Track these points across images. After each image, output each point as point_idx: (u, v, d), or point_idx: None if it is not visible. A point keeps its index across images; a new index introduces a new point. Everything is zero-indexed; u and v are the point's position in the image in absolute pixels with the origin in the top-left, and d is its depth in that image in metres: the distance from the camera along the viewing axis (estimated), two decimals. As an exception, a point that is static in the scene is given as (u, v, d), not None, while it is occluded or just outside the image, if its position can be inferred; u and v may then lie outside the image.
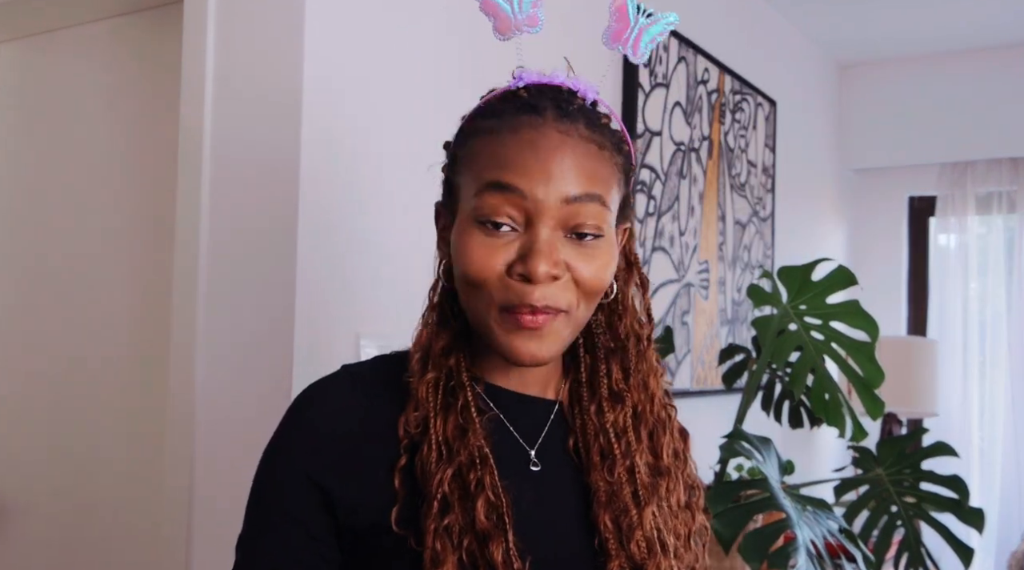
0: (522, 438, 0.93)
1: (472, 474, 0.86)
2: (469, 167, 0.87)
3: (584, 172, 0.84)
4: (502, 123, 0.85)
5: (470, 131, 0.88)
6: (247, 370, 1.70)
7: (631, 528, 0.89)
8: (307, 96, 1.66)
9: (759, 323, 2.20)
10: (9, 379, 2.24)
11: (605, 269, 0.87)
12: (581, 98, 0.88)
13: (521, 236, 0.84)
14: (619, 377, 0.96)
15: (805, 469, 3.60)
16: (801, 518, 1.77)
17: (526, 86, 0.88)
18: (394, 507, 0.86)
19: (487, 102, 0.89)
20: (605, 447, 0.93)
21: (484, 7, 0.89)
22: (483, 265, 0.84)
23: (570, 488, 0.93)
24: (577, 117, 0.85)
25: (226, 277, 1.73)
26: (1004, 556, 3.87)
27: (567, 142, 0.84)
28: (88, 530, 2.07)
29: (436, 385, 0.90)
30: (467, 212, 0.86)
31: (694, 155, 2.94)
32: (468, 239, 0.85)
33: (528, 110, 0.85)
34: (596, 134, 0.86)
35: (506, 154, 0.83)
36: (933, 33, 3.86)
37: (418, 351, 0.92)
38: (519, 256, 0.83)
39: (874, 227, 4.34)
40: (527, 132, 0.83)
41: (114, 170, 2.10)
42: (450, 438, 0.87)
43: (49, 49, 2.23)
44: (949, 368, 4.04)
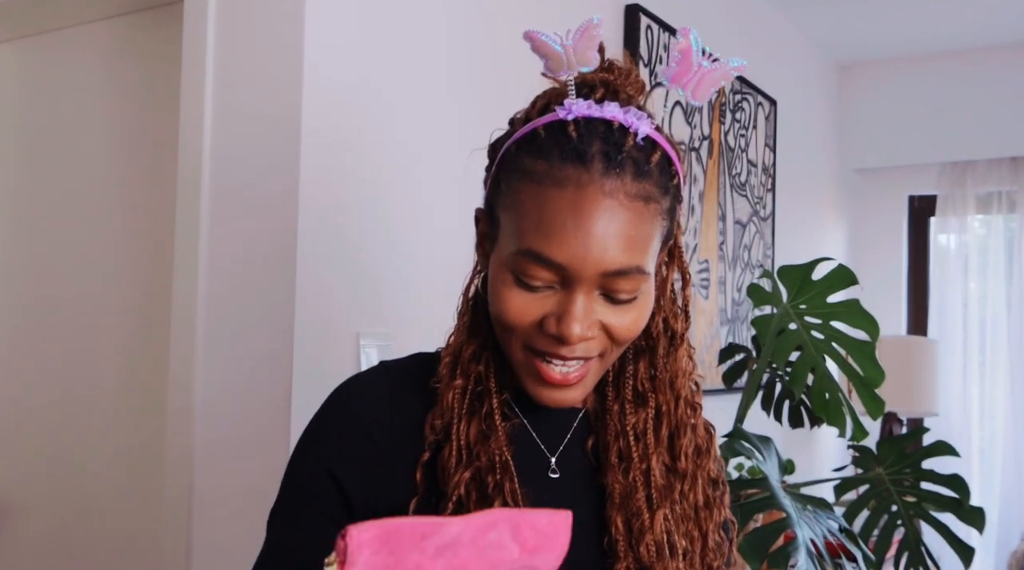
0: (544, 445, 0.94)
1: (491, 478, 0.87)
2: (509, 209, 0.85)
3: (626, 242, 0.81)
4: (548, 170, 0.82)
5: (514, 165, 0.85)
6: (247, 370, 1.70)
7: (642, 531, 0.90)
8: (307, 96, 1.66)
9: (759, 323, 2.20)
10: (9, 380, 2.24)
11: (639, 320, 0.87)
12: (634, 135, 0.84)
13: (557, 292, 0.83)
14: (645, 377, 0.95)
15: (805, 469, 3.60)
16: (801, 517, 1.77)
17: (575, 120, 0.83)
18: (413, 500, 0.88)
19: (534, 130, 0.85)
20: (624, 450, 0.93)
21: (535, 49, 0.87)
22: (517, 316, 0.84)
23: (585, 489, 0.94)
24: (625, 167, 0.82)
25: (226, 277, 1.73)
26: (1004, 556, 3.86)
27: (610, 207, 0.81)
28: (88, 530, 2.07)
29: (463, 392, 0.91)
30: (505, 260, 0.85)
31: (694, 155, 2.94)
32: (504, 289, 0.84)
33: (575, 159, 0.81)
34: (643, 185, 0.82)
35: (548, 216, 0.81)
36: (933, 33, 3.86)
37: (448, 355, 0.93)
38: (554, 314, 0.83)
39: (874, 227, 4.34)
40: (571, 191, 0.80)
41: (114, 170, 2.10)
42: (472, 442, 0.88)
43: (49, 49, 2.23)
44: (949, 368, 4.03)
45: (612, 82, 0.89)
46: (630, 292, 0.84)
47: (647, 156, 0.84)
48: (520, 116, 0.90)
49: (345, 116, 1.74)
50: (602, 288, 0.83)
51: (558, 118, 0.84)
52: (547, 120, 0.85)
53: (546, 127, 0.84)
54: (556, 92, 0.88)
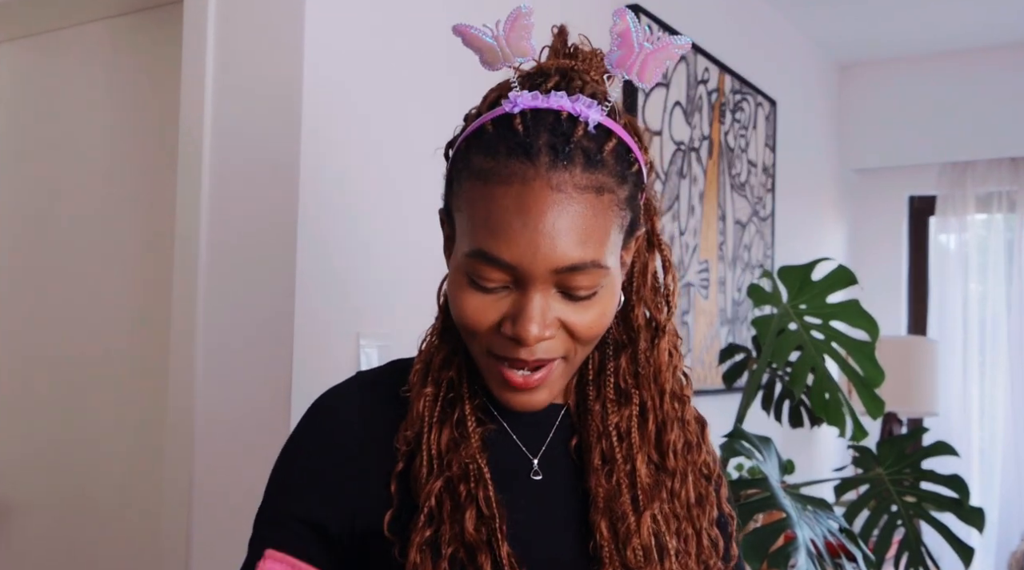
0: (526, 446, 0.92)
1: (463, 487, 0.85)
2: (460, 209, 0.83)
3: (577, 236, 0.78)
4: (494, 168, 0.79)
5: (463, 163, 0.83)
6: (247, 370, 1.70)
7: (628, 535, 0.87)
8: (307, 96, 1.66)
9: (759, 323, 2.20)
10: (9, 379, 2.24)
11: (602, 317, 0.84)
12: (584, 124, 0.80)
13: (513, 293, 0.81)
14: (628, 372, 0.92)
15: (805, 469, 3.60)
16: (801, 517, 1.77)
17: (522, 112, 0.80)
18: (387, 513, 0.86)
19: (482, 126, 0.83)
20: (607, 451, 0.90)
21: (466, 42, 0.86)
22: (475, 320, 0.82)
23: (570, 492, 0.91)
24: (574, 159, 0.78)
25: (226, 277, 1.73)
26: (1004, 556, 3.87)
27: (558, 201, 0.77)
28: (88, 530, 2.07)
29: (435, 399, 0.89)
30: (460, 262, 0.83)
31: (694, 155, 2.94)
32: (460, 292, 0.83)
33: (520, 153, 0.78)
34: (595, 176, 0.79)
35: (495, 215, 0.78)
36: (933, 33, 3.86)
37: (419, 362, 0.92)
38: (510, 314, 0.81)
39: (874, 227, 4.34)
40: (516, 186, 0.78)
41: (114, 170, 2.10)
42: (443, 451, 0.86)
43: (49, 49, 2.23)
44: (949, 368, 4.04)
45: (572, 68, 0.86)
46: (588, 288, 0.81)
47: (599, 145, 0.80)
48: (472, 112, 0.88)
49: (345, 116, 1.74)
50: (558, 285, 0.80)
51: (504, 112, 0.81)
52: (494, 115, 0.82)
53: (493, 122, 0.82)
54: (506, 85, 0.85)
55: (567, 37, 0.91)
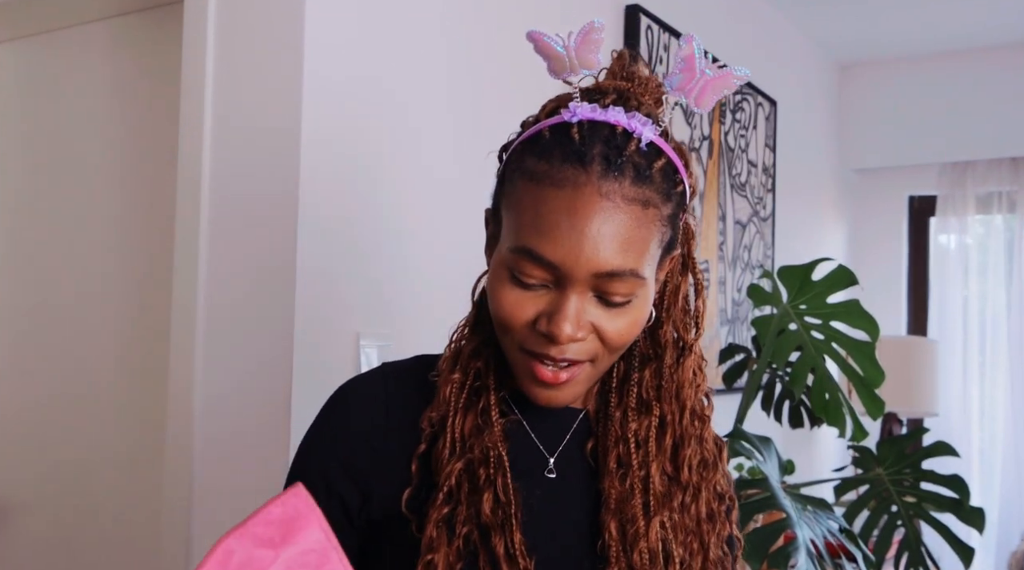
0: (543, 445, 0.95)
1: (483, 471, 0.88)
2: (510, 208, 0.87)
3: (620, 244, 0.82)
4: (548, 171, 0.83)
5: (518, 165, 0.87)
6: (247, 370, 1.70)
7: (636, 537, 0.89)
8: (307, 96, 1.66)
9: (759, 323, 2.20)
10: (9, 379, 2.24)
11: (635, 327, 0.87)
12: (636, 140, 0.84)
13: (551, 292, 0.84)
14: (651, 385, 0.95)
15: (805, 469, 3.60)
16: (801, 518, 1.77)
17: (579, 123, 0.84)
18: (406, 491, 0.89)
19: (540, 131, 0.86)
20: (623, 455, 0.93)
21: (538, 50, 0.89)
22: (512, 314, 0.85)
23: (583, 492, 0.94)
24: (624, 171, 0.82)
25: (226, 277, 1.73)
26: (1004, 556, 3.87)
27: (606, 208, 0.81)
28: (88, 530, 2.07)
29: (461, 386, 0.92)
30: (503, 258, 0.86)
31: (694, 155, 2.94)
32: (500, 286, 0.86)
33: (574, 160, 0.82)
34: (643, 190, 0.83)
35: (544, 215, 0.82)
36: (933, 33, 3.86)
37: (450, 351, 0.95)
38: (547, 312, 0.84)
39: (874, 227, 4.34)
40: (568, 190, 0.81)
41: (114, 170, 2.10)
42: (466, 435, 0.90)
43: (49, 49, 2.23)
44: (949, 368, 4.03)
45: (628, 90, 0.89)
46: (624, 295, 0.84)
47: (649, 162, 0.84)
48: (531, 119, 0.92)
49: (345, 116, 1.74)
50: (596, 289, 0.83)
51: (563, 120, 0.85)
52: (552, 122, 0.86)
53: (551, 129, 0.85)
54: (566, 97, 0.89)
55: (626, 62, 0.94)
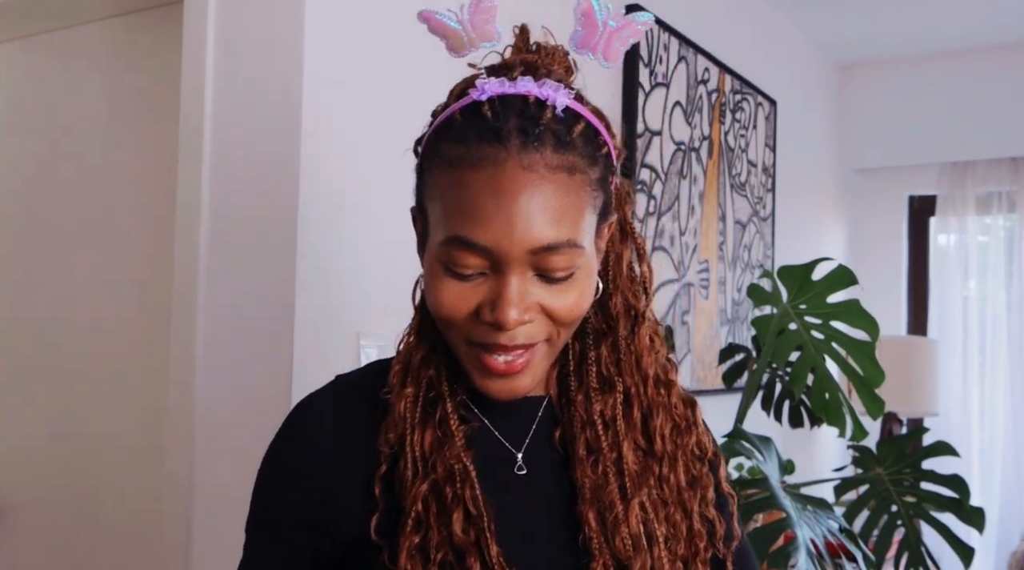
0: (508, 441, 0.91)
1: (449, 488, 0.84)
2: (433, 199, 0.83)
3: (551, 215, 0.78)
4: (466, 153, 0.79)
5: (434, 154, 0.84)
6: (247, 370, 1.70)
7: (616, 524, 0.86)
8: (307, 96, 1.66)
9: (759, 323, 2.20)
10: (9, 379, 2.24)
11: (582, 299, 0.83)
12: (551, 107, 0.80)
13: (490, 279, 0.80)
14: (609, 360, 0.92)
15: (805, 469, 3.60)
16: (801, 518, 1.77)
17: (489, 99, 0.81)
18: (374, 517, 0.86)
19: (451, 116, 0.84)
20: (591, 440, 0.89)
21: (432, 29, 0.87)
22: (453, 308, 0.81)
23: (556, 486, 0.90)
24: (544, 140, 0.79)
25: (226, 277, 1.73)
26: (1004, 556, 3.87)
27: (531, 181, 0.77)
28: (88, 529, 2.07)
29: (415, 400, 0.88)
30: (435, 252, 0.82)
31: (694, 155, 2.94)
32: (437, 282, 0.82)
33: (491, 137, 0.78)
34: (566, 156, 0.79)
35: (469, 199, 0.78)
36: (933, 33, 3.86)
37: (398, 363, 0.91)
38: (488, 301, 0.80)
39: (874, 227, 4.34)
40: (489, 170, 0.78)
41: (114, 170, 2.10)
42: (427, 452, 0.86)
43: (49, 49, 2.23)
44: (949, 368, 4.03)
45: (535, 61, 0.86)
46: (565, 269, 0.80)
47: (568, 127, 0.81)
48: (440, 107, 0.89)
49: (345, 115, 1.74)
50: (535, 267, 0.80)
51: (472, 100, 0.82)
52: (462, 104, 0.83)
53: (461, 111, 0.83)
54: (472, 77, 0.86)
55: (529, 36, 0.91)
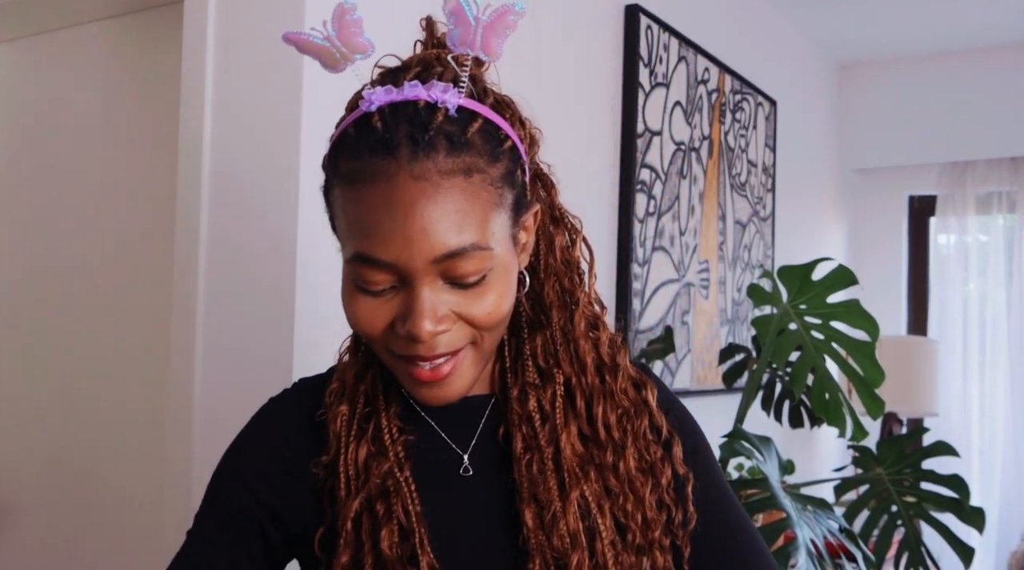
0: (455, 442, 0.90)
1: (380, 505, 0.84)
2: (337, 217, 0.83)
3: (450, 222, 0.76)
4: (359, 168, 0.78)
5: (333, 171, 0.83)
6: (247, 370, 1.70)
7: (555, 521, 0.84)
8: (307, 96, 1.66)
9: (759, 323, 2.20)
10: (9, 379, 2.24)
11: (501, 301, 0.81)
12: (443, 110, 0.78)
13: (400, 292, 0.79)
14: (548, 352, 0.90)
15: (805, 469, 3.60)
16: (801, 518, 1.77)
17: (379, 109, 0.80)
18: (320, 527, 0.87)
19: (345, 131, 0.83)
20: (528, 436, 0.87)
21: (300, 49, 0.84)
22: (369, 325, 0.81)
23: (500, 485, 0.88)
24: (435, 145, 0.77)
25: (226, 277, 1.73)
26: (1004, 556, 3.87)
27: (424, 191, 0.76)
28: (89, 529, 2.07)
29: (350, 417, 0.88)
30: (345, 270, 0.82)
31: (694, 155, 2.94)
32: (350, 298, 0.81)
33: (381, 150, 0.77)
34: (460, 158, 0.77)
35: (366, 216, 0.77)
36: (933, 33, 3.86)
37: (336, 380, 0.91)
38: (401, 314, 0.79)
39: (874, 227, 4.34)
40: (381, 184, 0.76)
41: (114, 170, 2.10)
42: (360, 468, 0.86)
43: (49, 49, 2.23)
44: (949, 368, 4.03)
45: (435, 57, 0.86)
46: (475, 273, 0.78)
47: (463, 127, 0.79)
48: (339, 120, 0.87)
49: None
50: (444, 276, 0.78)
51: (363, 112, 0.81)
52: (354, 117, 0.82)
53: (354, 124, 0.81)
54: (363, 88, 0.85)
55: (435, 28, 0.90)
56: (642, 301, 2.64)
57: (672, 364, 2.79)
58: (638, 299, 2.61)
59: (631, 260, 2.57)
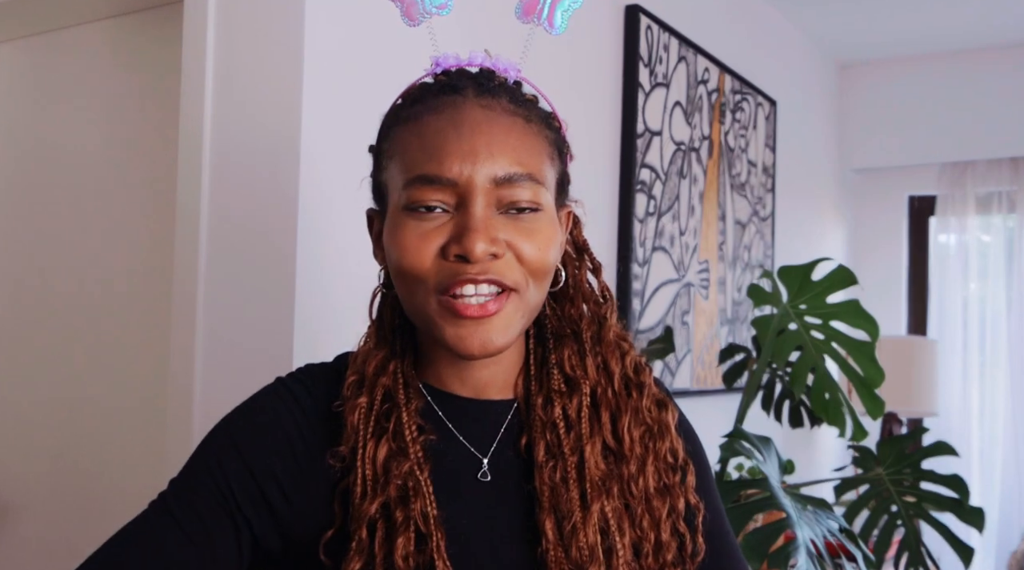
0: (474, 447, 0.88)
1: (400, 511, 0.81)
2: (394, 159, 0.84)
3: (512, 148, 0.80)
4: (423, 107, 0.83)
5: (392, 123, 0.87)
6: (247, 371, 1.70)
7: (574, 532, 0.82)
8: (307, 96, 1.66)
9: (759, 323, 2.20)
10: (9, 379, 2.24)
11: (549, 244, 0.82)
12: (502, 77, 0.86)
13: (454, 216, 0.80)
14: (575, 363, 0.89)
15: (805, 469, 3.60)
16: (801, 518, 1.76)
17: (444, 71, 0.86)
18: (329, 530, 0.83)
19: (406, 93, 0.88)
20: (552, 443, 0.86)
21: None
22: (417, 251, 0.80)
23: (520, 493, 0.86)
24: (500, 93, 0.83)
25: (226, 276, 1.73)
26: (1004, 556, 3.87)
27: (491, 116, 0.81)
28: (88, 530, 2.07)
29: (368, 410, 0.85)
30: (397, 204, 0.82)
31: (694, 155, 2.94)
32: (399, 229, 0.81)
33: (448, 91, 0.83)
34: (522, 108, 0.84)
35: (430, 138, 0.80)
36: (933, 33, 3.86)
37: (354, 373, 0.89)
38: (455, 236, 0.79)
39: (874, 227, 4.34)
40: (448, 111, 0.81)
41: (114, 170, 2.10)
42: (379, 470, 0.82)
43: (49, 49, 2.23)
44: (949, 368, 4.03)
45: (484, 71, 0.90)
46: (529, 201, 0.81)
47: (522, 93, 0.86)
48: None
49: (345, 115, 1.74)
50: (499, 202, 0.80)
51: (429, 74, 0.87)
52: (420, 79, 0.89)
53: (419, 84, 0.88)
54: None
55: None
56: (642, 301, 2.64)
57: (672, 364, 2.79)
58: (638, 299, 2.61)
59: (631, 260, 2.57)
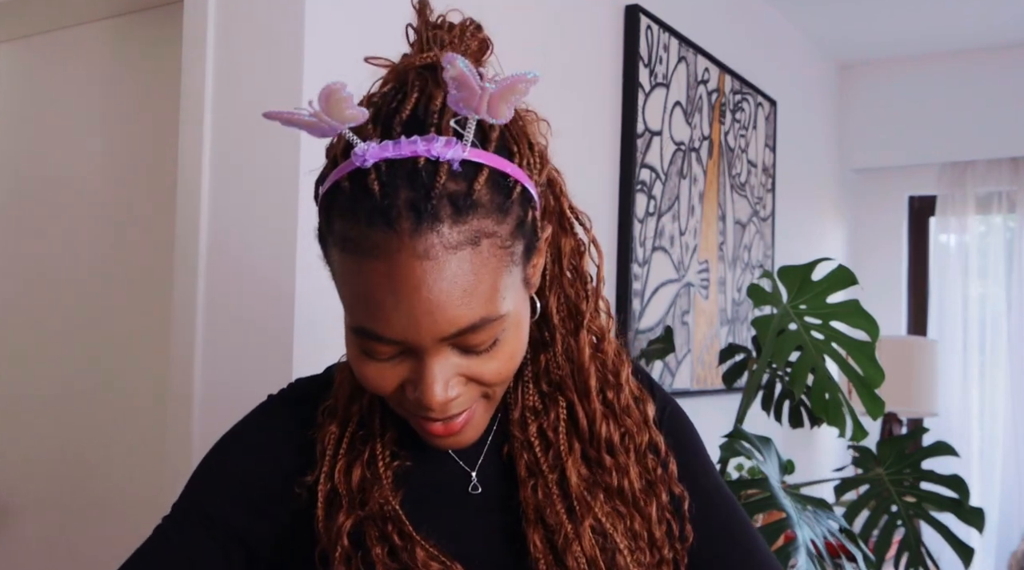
0: (463, 460, 0.88)
1: (374, 529, 0.81)
2: (334, 276, 0.79)
3: (458, 299, 0.71)
4: (358, 237, 0.71)
5: (327, 226, 0.78)
6: (247, 371, 1.70)
7: (567, 543, 0.82)
8: (307, 96, 1.66)
9: (759, 323, 2.20)
10: (9, 379, 2.24)
11: (510, 360, 0.78)
12: (446, 165, 0.71)
13: (409, 357, 0.75)
14: (553, 376, 0.87)
15: (805, 469, 3.60)
16: (801, 518, 1.77)
17: (376, 166, 0.71)
18: (295, 551, 0.85)
19: (337, 183, 0.76)
20: (531, 462, 0.85)
21: (288, 124, 0.78)
22: (376, 386, 0.77)
23: (508, 505, 0.86)
24: (439, 216, 0.69)
25: (226, 276, 1.73)
26: (1004, 556, 3.87)
27: (429, 270, 0.69)
28: (88, 530, 2.07)
29: (340, 438, 0.85)
30: (348, 334, 0.78)
31: (694, 155, 2.94)
32: (356, 360, 0.77)
33: (381, 221, 0.70)
34: (467, 223, 0.70)
35: (367, 292, 0.72)
36: (933, 33, 3.86)
37: (332, 398, 0.88)
38: (411, 379, 0.76)
39: (874, 227, 4.34)
40: (383, 262, 0.70)
41: (114, 170, 2.10)
42: (354, 491, 0.83)
43: (49, 49, 2.23)
44: (949, 368, 4.03)
45: (444, 39, 0.81)
46: (485, 342, 0.75)
47: (468, 185, 0.71)
48: (329, 146, 0.80)
49: (345, 116, 1.74)
50: (453, 346, 0.74)
51: (355, 167, 0.73)
52: (347, 170, 0.74)
53: (348, 178, 0.73)
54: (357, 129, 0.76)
55: (427, 10, 0.84)
56: (642, 301, 2.64)
57: (672, 364, 2.79)
58: (638, 299, 2.61)
59: (631, 260, 2.57)
